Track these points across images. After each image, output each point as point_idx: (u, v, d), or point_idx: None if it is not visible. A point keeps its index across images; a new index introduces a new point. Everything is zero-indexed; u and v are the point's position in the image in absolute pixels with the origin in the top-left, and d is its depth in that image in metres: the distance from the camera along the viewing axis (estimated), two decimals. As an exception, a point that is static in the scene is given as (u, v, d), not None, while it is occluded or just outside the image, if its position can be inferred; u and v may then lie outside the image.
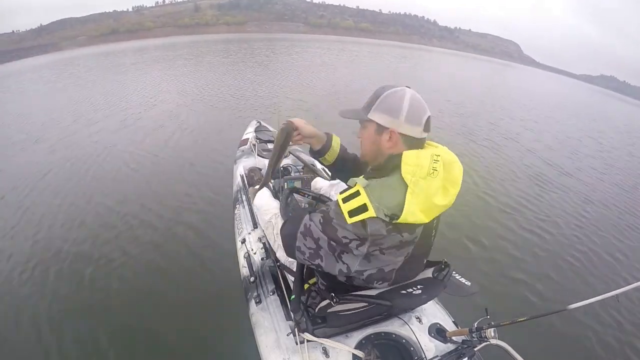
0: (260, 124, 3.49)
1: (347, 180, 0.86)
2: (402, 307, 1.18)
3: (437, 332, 1.20)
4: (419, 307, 1.29)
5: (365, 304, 0.94)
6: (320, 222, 0.81)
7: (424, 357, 1.10)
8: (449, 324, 1.26)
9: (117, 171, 4.22)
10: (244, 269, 1.70)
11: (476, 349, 1.02)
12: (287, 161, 2.63)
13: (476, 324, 1.01)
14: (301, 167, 2.35)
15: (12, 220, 3.25)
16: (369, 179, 0.80)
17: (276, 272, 1.53)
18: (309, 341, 1.11)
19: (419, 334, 1.17)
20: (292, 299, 1.11)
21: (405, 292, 0.91)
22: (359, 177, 0.81)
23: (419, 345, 1.13)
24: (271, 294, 1.47)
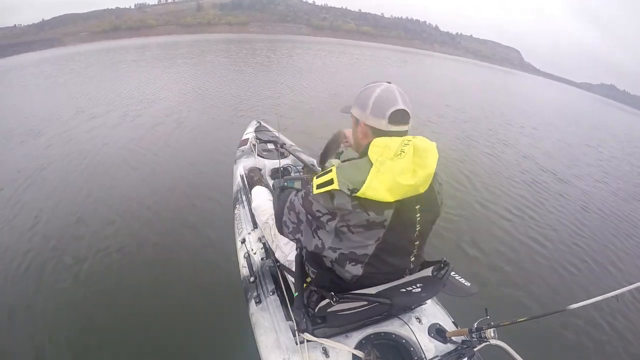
0: (260, 124, 3.49)
1: None
2: (401, 306, 1.18)
3: (437, 332, 1.21)
4: (418, 307, 1.29)
5: (365, 303, 0.94)
6: (302, 197, 0.91)
7: (424, 357, 1.10)
8: (448, 324, 1.26)
9: (115, 168, 4.21)
10: (243, 269, 1.69)
11: (476, 349, 1.03)
12: (287, 161, 2.63)
13: (476, 324, 1.02)
14: (301, 167, 2.35)
15: (9, 214, 3.23)
16: (344, 162, 0.89)
17: (276, 272, 1.53)
18: (309, 341, 1.11)
19: (419, 334, 1.17)
20: (295, 295, 1.11)
21: (404, 290, 0.91)
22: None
23: (419, 345, 1.13)
24: (271, 294, 1.46)
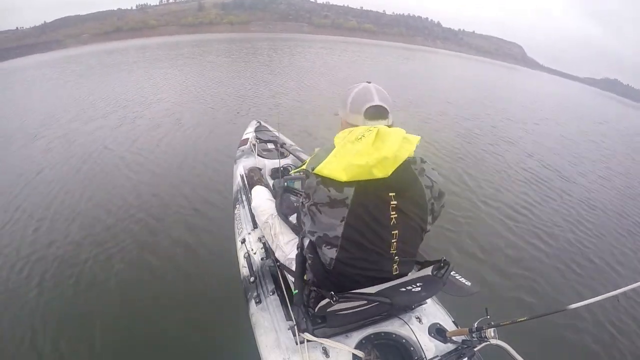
0: (260, 124, 3.49)
1: None
2: (401, 305, 1.18)
3: (437, 332, 1.20)
4: (419, 307, 1.29)
5: (364, 302, 0.93)
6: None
7: (424, 357, 1.09)
8: (449, 324, 1.25)
9: (116, 170, 4.22)
10: (243, 269, 1.69)
11: (476, 349, 1.02)
12: (287, 161, 2.63)
13: (476, 324, 1.01)
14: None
15: (5, 217, 3.23)
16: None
17: (276, 272, 1.53)
18: (309, 341, 1.10)
19: (419, 334, 1.17)
20: (295, 292, 1.10)
21: (404, 289, 0.91)
22: None
23: (419, 345, 1.13)
24: (271, 294, 1.46)
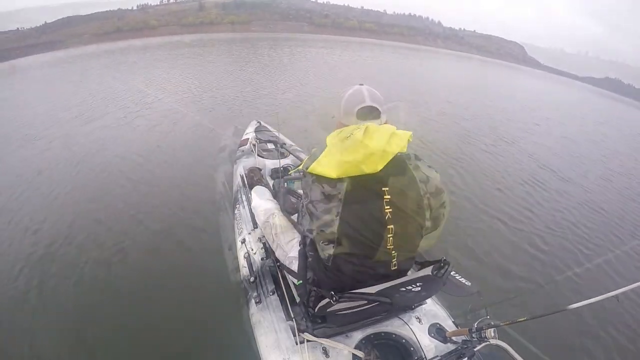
0: (260, 124, 3.49)
1: None
2: (401, 304, 1.18)
3: (437, 332, 1.20)
4: (419, 307, 1.29)
5: (364, 302, 0.93)
6: None
7: (424, 357, 1.09)
8: (449, 324, 1.26)
9: (115, 170, 4.19)
10: (244, 269, 1.70)
11: (476, 349, 1.02)
12: (287, 161, 2.63)
13: (476, 324, 1.01)
14: None
15: (5, 217, 3.22)
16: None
17: (276, 272, 1.53)
18: (309, 341, 1.10)
19: (419, 334, 1.17)
20: (299, 283, 1.09)
21: (404, 289, 0.91)
22: None
23: (419, 345, 1.13)
24: (271, 294, 1.46)
